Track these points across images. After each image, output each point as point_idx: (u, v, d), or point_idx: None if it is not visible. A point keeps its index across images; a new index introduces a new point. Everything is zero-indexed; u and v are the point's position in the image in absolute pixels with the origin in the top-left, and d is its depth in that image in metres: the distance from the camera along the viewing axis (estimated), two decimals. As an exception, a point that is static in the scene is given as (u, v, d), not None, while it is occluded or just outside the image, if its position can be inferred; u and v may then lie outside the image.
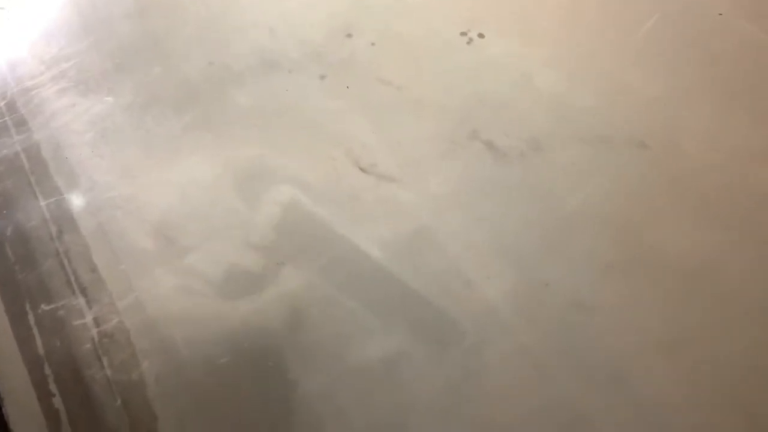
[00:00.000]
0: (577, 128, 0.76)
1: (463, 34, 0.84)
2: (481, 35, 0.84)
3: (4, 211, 0.76)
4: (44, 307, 0.69)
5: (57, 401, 0.64)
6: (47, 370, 0.66)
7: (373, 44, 0.85)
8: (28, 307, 0.70)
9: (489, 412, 0.62)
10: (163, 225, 0.74)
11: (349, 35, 0.86)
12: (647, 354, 0.64)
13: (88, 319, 0.68)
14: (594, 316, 0.66)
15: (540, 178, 0.74)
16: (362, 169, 0.76)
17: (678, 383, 0.62)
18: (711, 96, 0.77)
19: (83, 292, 0.70)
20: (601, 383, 0.63)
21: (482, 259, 0.70)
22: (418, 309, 0.67)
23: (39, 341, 0.67)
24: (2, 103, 0.85)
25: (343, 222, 0.72)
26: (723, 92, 0.77)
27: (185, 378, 0.65)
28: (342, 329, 0.66)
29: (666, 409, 0.61)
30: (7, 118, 0.83)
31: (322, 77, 0.83)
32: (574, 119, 0.77)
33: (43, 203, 0.77)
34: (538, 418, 0.62)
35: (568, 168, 0.74)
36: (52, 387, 0.65)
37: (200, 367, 0.65)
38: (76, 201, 0.77)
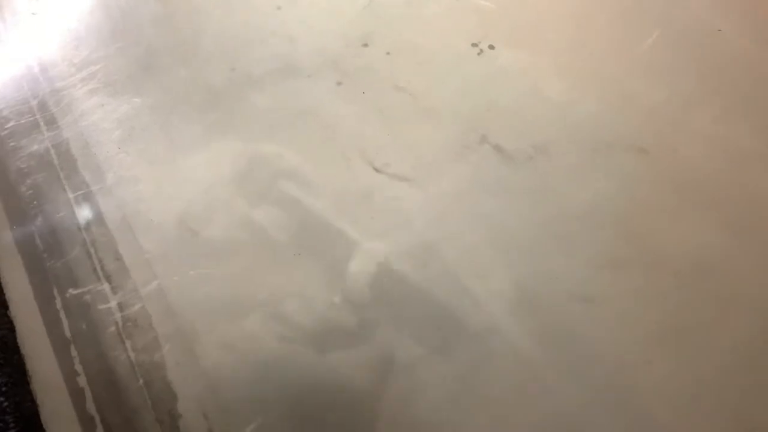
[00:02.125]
0: (582, 134, 0.80)
1: (474, 45, 0.89)
2: (491, 46, 0.88)
3: (35, 202, 0.80)
4: (71, 291, 0.72)
5: (82, 380, 0.67)
6: (73, 352, 0.69)
7: (388, 53, 0.89)
8: (55, 292, 0.73)
9: (494, 408, 0.65)
10: (186, 217, 0.77)
11: (366, 45, 0.90)
12: (646, 348, 0.67)
13: (113, 304, 0.72)
14: (595, 311, 0.69)
15: (546, 181, 0.77)
16: (376, 169, 0.79)
17: (674, 375, 0.65)
18: (710, 105, 0.81)
19: (108, 279, 0.74)
20: (602, 377, 0.66)
21: (489, 254, 0.73)
22: (426, 304, 0.71)
23: (66, 324, 0.71)
24: (34, 102, 0.89)
25: (356, 216, 0.75)
26: (721, 102, 0.81)
27: (204, 361, 0.68)
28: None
29: (663, 399, 0.64)
30: (38, 116, 0.87)
31: (339, 83, 0.87)
32: (579, 126, 0.81)
33: (71, 196, 0.80)
34: (543, 414, 0.65)
35: (572, 171, 0.78)
36: (78, 367, 0.68)
37: (218, 351, 0.68)
38: (103, 194, 0.80)
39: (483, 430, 0.63)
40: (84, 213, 0.79)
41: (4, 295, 0.73)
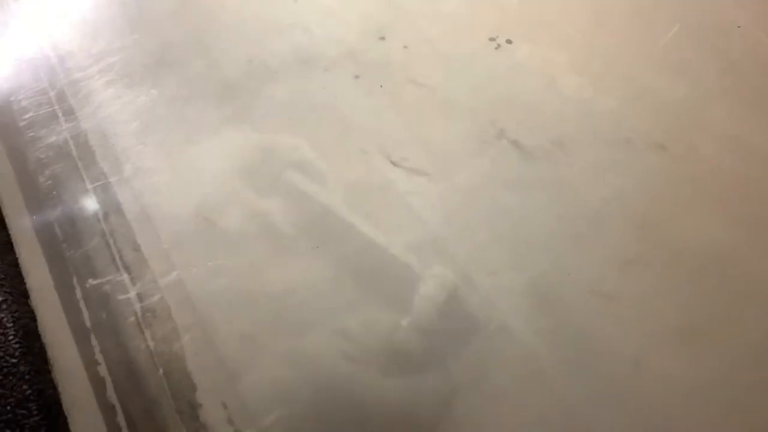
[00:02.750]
0: (600, 130, 0.80)
1: (492, 39, 0.88)
2: (509, 41, 0.88)
3: (54, 192, 0.80)
4: (91, 281, 0.73)
5: (102, 370, 0.68)
6: (94, 341, 0.69)
7: (405, 47, 0.89)
8: (75, 281, 0.73)
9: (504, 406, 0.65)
10: (203, 208, 0.77)
11: (383, 38, 0.90)
12: (659, 346, 0.67)
13: (132, 294, 0.72)
14: (612, 306, 0.69)
15: (564, 176, 0.77)
16: (393, 163, 0.80)
17: (686, 373, 0.65)
18: (728, 101, 0.80)
19: (127, 269, 0.74)
20: (613, 375, 0.66)
21: (506, 249, 0.73)
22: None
23: (86, 314, 0.71)
24: (52, 93, 0.89)
25: (372, 211, 0.76)
26: (740, 98, 0.81)
27: (223, 352, 0.68)
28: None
29: (674, 397, 0.64)
30: (56, 107, 0.88)
31: (357, 76, 0.87)
32: (597, 121, 0.81)
33: (89, 187, 0.81)
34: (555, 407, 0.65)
35: (590, 167, 0.78)
36: (98, 356, 0.69)
37: (237, 341, 0.69)
38: (121, 185, 0.81)
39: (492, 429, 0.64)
40: (102, 203, 0.79)
41: (24, 284, 0.73)
